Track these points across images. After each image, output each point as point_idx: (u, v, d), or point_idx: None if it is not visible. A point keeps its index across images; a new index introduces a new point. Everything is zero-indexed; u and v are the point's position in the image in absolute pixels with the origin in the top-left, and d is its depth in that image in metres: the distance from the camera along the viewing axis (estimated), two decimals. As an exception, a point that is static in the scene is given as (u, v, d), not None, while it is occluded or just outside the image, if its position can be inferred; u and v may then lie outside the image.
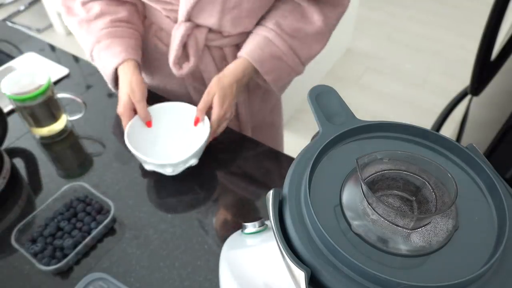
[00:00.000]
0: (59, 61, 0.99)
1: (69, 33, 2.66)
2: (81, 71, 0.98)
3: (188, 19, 0.71)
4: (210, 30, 0.74)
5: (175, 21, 0.74)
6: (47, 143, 0.80)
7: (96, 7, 0.74)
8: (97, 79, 0.96)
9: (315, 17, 0.73)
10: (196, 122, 0.72)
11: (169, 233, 0.65)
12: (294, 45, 0.74)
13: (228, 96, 0.71)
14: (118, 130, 0.81)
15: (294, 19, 0.73)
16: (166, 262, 0.62)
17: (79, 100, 0.80)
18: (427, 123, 1.73)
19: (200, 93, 0.82)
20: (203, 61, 0.78)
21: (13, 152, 0.79)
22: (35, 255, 0.60)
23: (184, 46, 0.74)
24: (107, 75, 0.75)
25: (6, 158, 0.72)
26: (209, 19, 0.71)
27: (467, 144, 0.33)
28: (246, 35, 0.76)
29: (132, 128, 0.70)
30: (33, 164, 0.77)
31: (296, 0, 0.73)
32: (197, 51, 0.75)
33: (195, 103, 0.75)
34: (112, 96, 0.91)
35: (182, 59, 0.76)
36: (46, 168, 0.76)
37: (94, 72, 0.98)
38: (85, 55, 0.81)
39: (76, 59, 1.02)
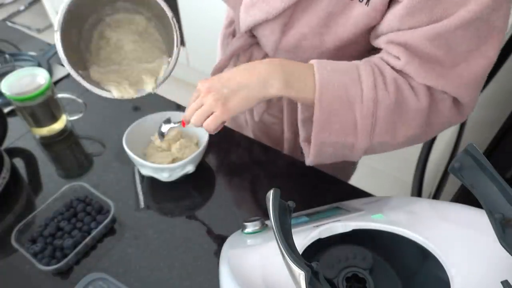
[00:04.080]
0: (59, 61, 0.99)
1: (69, 33, 2.66)
2: (81, 71, 0.98)
3: (252, 34, 0.66)
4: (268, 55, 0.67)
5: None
6: (47, 143, 0.80)
7: None
8: (97, 79, 0.96)
9: (421, 92, 0.52)
10: (183, 124, 0.58)
11: (169, 233, 0.65)
12: (382, 103, 0.51)
13: (217, 77, 0.53)
14: (118, 130, 0.81)
15: (399, 76, 0.52)
16: (166, 262, 0.62)
17: (79, 100, 0.80)
18: (427, 123, 1.73)
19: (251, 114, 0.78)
20: None
21: (13, 152, 0.79)
22: (35, 255, 0.60)
23: (236, 61, 0.70)
24: None
25: (6, 158, 0.72)
26: (265, 47, 0.65)
27: (467, 144, 0.33)
28: None
29: (130, 132, 0.70)
30: (33, 164, 0.77)
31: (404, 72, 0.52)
32: None
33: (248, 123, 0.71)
34: (112, 96, 0.92)
35: None
36: (46, 168, 0.76)
37: (94, 72, 0.98)
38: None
39: (76, 59, 1.02)
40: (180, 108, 0.86)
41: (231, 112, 0.51)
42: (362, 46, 0.60)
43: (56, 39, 0.57)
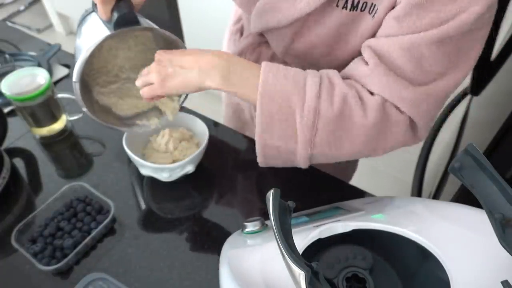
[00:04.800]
0: (59, 61, 0.99)
1: (69, 33, 2.66)
2: (81, 71, 0.98)
3: (261, 33, 0.67)
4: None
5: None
6: (47, 143, 0.80)
7: None
8: (97, 79, 0.96)
9: (370, 108, 0.51)
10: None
11: (169, 233, 0.65)
12: (323, 115, 0.50)
13: (175, 52, 0.54)
14: (118, 130, 0.81)
15: (350, 90, 0.51)
16: (166, 262, 0.62)
17: (79, 100, 0.80)
18: (427, 123, 1.73)
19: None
20: None
21: (13, 152, 0.79)
22: (35, 255, 0.60)
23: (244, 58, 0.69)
24: None
25: (6, 158, 0.72)
26: (275, 49, 0.65)
27: (467, 144, 0.33)
28: None
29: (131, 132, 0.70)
30: (33, 164, 0.77)
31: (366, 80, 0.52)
32: None
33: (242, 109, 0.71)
34: (112, 96, 0.91)
35: None
36: (46, 168, 0.76)
37: (94, 72, 0.98)
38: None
39: (76, 59, 1.02)
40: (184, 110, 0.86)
41: (166, 90, 0.53)
42: None
43: (75, 89, 0.57)
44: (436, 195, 1.21)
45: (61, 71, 0.96)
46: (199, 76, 0.51)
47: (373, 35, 0.54)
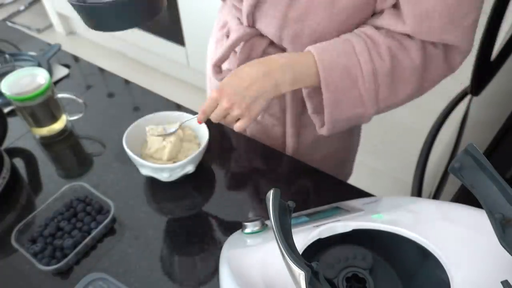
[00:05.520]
0: (59, 61, 0.99)
1: (69, 33, 2.66)
2: (81, 71, 0.98)
3: (252, 24, 0.65)
4: (271, 43, 0.67)
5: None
6: (47, 143, 0.80)
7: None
8: (97, 79, 0.96)
9: (413, 51, 0.56)
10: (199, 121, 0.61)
11: (169, 233, 0.65)
12: (380, 72, 0.56)
13: (235, 85, 0.55)
14: (118, 130, 0.81)
15: (392, 41, 0.56)
16: (166, 262, 0.62)
17: (79, 100, 0.80)
18: (427, 123, 1.73)
19: None
20: None
21: (13, 152, 0.79)
22: (35, 255, 0.60)
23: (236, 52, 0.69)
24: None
25: (6, 158, 0.72)
26: (269, 27, 0.63)
27: (467, 144, 0.33)
28: None
29: (130, 132, 0.70)
30: (33, 164, 0.77)
31: (397, 32, 0.56)
32: (247, 60, 0.65)
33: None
34: (112, 96, 0.91)
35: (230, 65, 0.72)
36: (46, 168, 0.76)
37: (94, 72, 0.98)
38: (85, 55, 0.81)
39: (76, 59, 1.02)
40: (180, 108, 0.86)
41: (256, 115, 0.58)
42: (371, 10, 0.59)
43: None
44: (436, 195, 1.21)
45: (61, 71, 0.96)
46: (274, 90, 0.56)
47: None
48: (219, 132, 0.82)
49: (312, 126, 0.73)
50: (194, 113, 0.79)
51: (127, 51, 2.43)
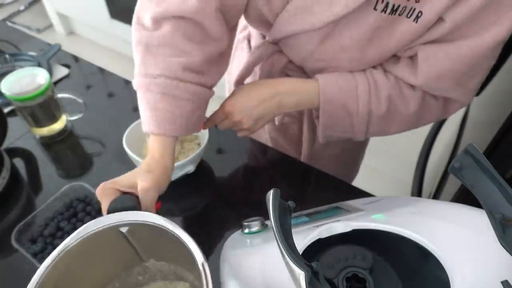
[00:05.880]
0: (59, 61, 0.99)
1: (69, 33, 2.66)
2: (81, 71, 0.98)
3: (275, 42, 0.65)
4: (291, 61, 0.67)
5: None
6: (47, 143, 0.80)
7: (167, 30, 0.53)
8: (97, 79, 0.96)
9: (412, 102, 0.60)
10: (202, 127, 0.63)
11: (169, 233, 0.65)
12: (375, 114, 0.60)
13: (245, 103, 0.60)
14: (118, 130, 0.81)
15: (394, 89, 0.59)
16: (166, 262, 0.62)
17: (79, 100, 0.80)
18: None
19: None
20: None
21: (13, 152, 0.79)
22: (35, 255, 0.60)
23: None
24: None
25: (6, 158, 0.72)
26: (293, 55, 0.65)
27: (467, 144, 0.33)
28: None
29: (130, 132, 0.70)
30: (33, 164, 0.77)
31: (400, 78, 0.59)
32: (269, 77, 0.68)
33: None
34: (112, 96, 0.91)
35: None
36: (46, 168, 0.76)
37: (94, 72, 0.98)
38: (85, 55, 0.81)
39: (76, 59, 1.02)
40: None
41: (258, 129, 0.64)
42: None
43: None
44: (436, 195, 1.21)
45: (61, 71, 0.96)
46: (278, 110, 0.62)
47: (415, 39, 0.54)
48: (219, 132, 0.82)
49: None
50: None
51: (127, 51, 2.43)
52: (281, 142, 0.85)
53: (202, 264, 0.39)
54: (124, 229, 0.44)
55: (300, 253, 0.36)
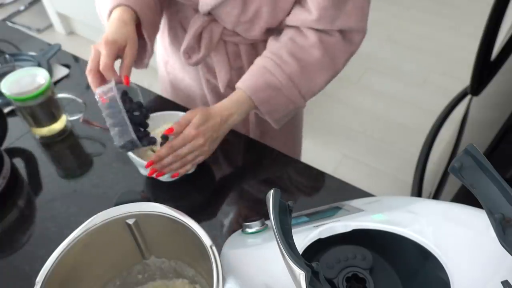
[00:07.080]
0: (59, 61, 0.99)
1: (69, 33, 2.66)
2: (81, 71, 0.98)
3: (208, 13, 0.72)
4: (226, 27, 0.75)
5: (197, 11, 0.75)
6: (47, 143, 0.80)
7: None
8: (97, 79, 0.96)
9: (311, 48, 0.69)
10: (168, 131, 0.65)
11: (169, 233, 0.65)
12: (293, 74, 0.69)
13: (210, 125, 0.65)
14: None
15: (294, 47, 0.69)
16: (166, 262, 0.62)
17: (79, 100, 0.80)
18: (427, 123, 1.73)
19: (212, 87, 0.85)
20: (216, 53, 0.78)
21: (13, 152, 0.79)
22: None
23: (199, 38, 0.75)
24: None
25: (6, 158, 0.72)
26: (225, 22, 0.72)
27: (467, 144, 0.33)
28: (261, 40, 0.76)
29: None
30: (33, 164, 0.77)
31: (301, 28, 0.69)
32: (210, 44, 0.75)
33: (207, 98, 0.78)
34: (112, 96, 0.91)
35: (195, 49, 0.77)
36: (46, 168, 0.76)
37: (94, 72, 0.98)
38: (84, 55, 0.81)
39: (76, 59, 1.02)
40: (179, 108, 0.86)
41: (214, 149, 0.69)
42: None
43: None
44: (436, 195, 1.21)
45: (61, 71, 0.96)
46: (228, 129, 0.70)
47: None
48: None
49: None
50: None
51: (127, 51, 2.43)
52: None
53: (211, 247, 0.42)
54: (130, 221, 0.45)
55: (300, 253, 0.36)
